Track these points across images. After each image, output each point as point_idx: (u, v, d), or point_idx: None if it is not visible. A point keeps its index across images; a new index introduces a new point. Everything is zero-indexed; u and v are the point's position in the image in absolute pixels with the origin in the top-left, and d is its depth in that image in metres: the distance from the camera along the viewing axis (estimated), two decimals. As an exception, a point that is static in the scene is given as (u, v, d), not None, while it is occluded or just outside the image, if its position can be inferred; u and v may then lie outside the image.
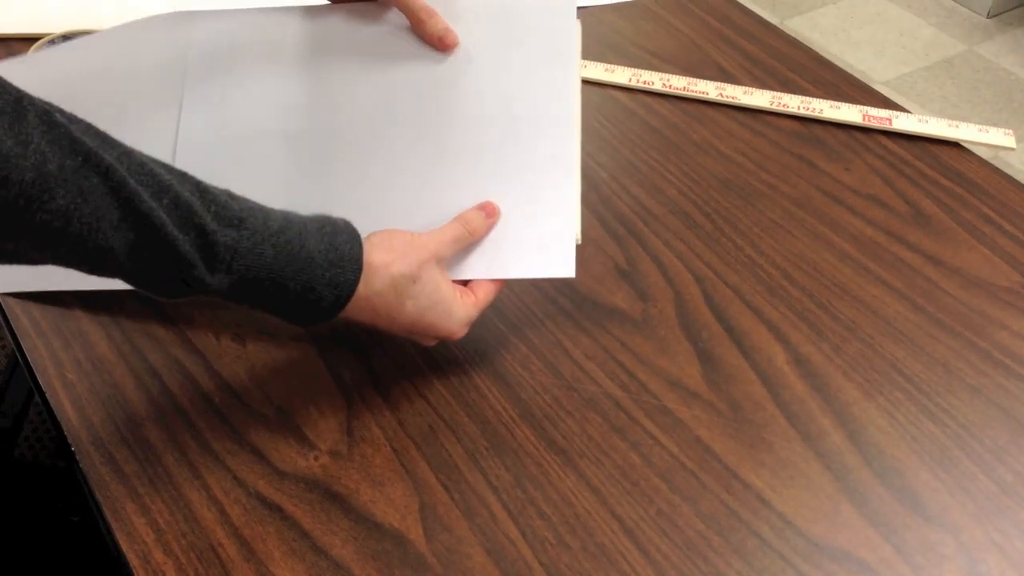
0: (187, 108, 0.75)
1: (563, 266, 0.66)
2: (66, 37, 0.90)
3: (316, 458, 0.64)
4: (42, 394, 0.67)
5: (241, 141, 0.73)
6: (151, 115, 0.75)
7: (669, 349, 0.71)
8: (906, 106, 1.94)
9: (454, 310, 0.64)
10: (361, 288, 0.60)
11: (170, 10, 0.96)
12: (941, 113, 2.18)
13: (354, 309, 0.60)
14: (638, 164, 0.85)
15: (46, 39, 0.92)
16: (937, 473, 0.64)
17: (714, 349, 0.71)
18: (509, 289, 0.74)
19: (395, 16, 0.75)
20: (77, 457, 0.63)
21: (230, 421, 0.65)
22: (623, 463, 0.64)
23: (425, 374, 0.68)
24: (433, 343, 0.67)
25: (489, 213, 0.67)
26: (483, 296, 0.66)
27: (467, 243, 0.66)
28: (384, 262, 0.61)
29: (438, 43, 0.73)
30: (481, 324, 0.69)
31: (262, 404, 0.66)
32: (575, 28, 0.73)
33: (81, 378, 0.68)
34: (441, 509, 0.61)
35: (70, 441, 0.64)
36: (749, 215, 0.81)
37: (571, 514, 0.61)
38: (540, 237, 0.67)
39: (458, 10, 0.75)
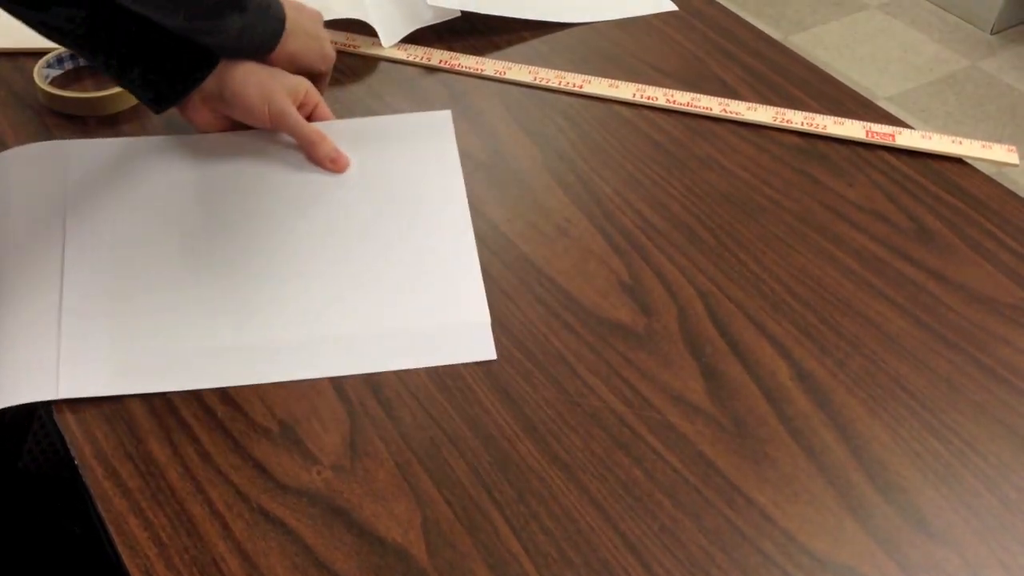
0: (71, 238, 0.77)
1: (482, 350, 0.71)
2: (72, 53, 0.90)
3: (319, 472, 0.64)
4: (46, 406, 0.67)
5: (134, 263, 0.75)
6: (33, 246, 0.76)
7: (672, 364, 0.71)
8: (909, 122, 1.94)
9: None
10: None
11: None
12: (945, 128, 2.19)
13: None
14: (641, 179, 0.86)
15: (53, 53, 0.92)
16: (940, 490, 0.64)
17: (717, 364, 0.71)
18: (512, 303, 0.74)
19: (286, 137, 0.83)
20: (80, 470, 0.63)
21: (233, 435, 0.65)
22: (626, 478, 0.64)
23: (428, 388, 0.68)
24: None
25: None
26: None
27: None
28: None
29: (331, 165, 0.82)
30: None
31: (265, 418, 0.66)
32: (451, 135, 0.86)
33: (85, 391, 0.68)
34: (444, 524, 0.61)
35: (73, 454, 0.64)
36: (752, 230, 0.81)
37: (574, 530, 0.61)
38: (457, 328, 0.72)
39: (344, 133, 0.84)
